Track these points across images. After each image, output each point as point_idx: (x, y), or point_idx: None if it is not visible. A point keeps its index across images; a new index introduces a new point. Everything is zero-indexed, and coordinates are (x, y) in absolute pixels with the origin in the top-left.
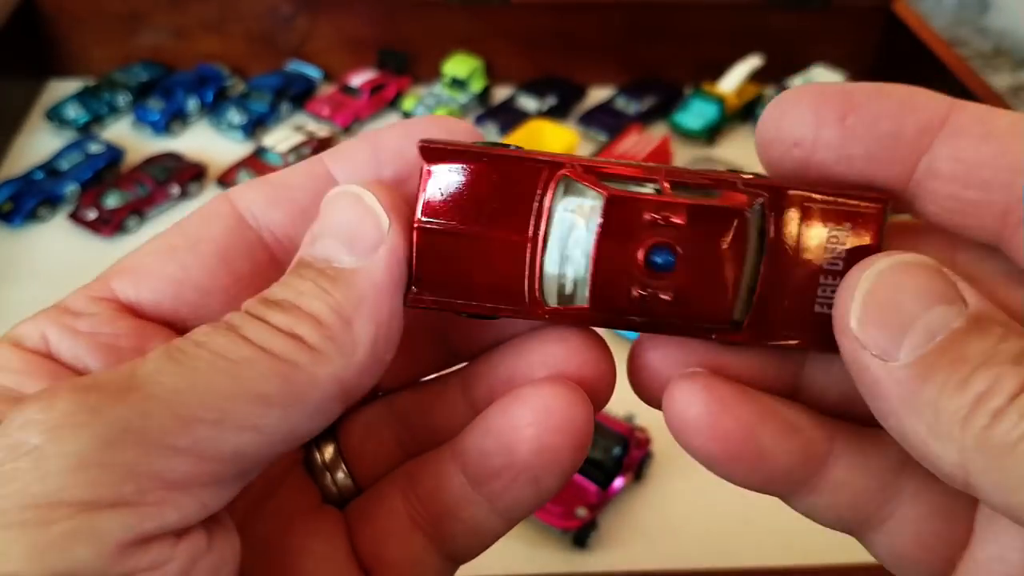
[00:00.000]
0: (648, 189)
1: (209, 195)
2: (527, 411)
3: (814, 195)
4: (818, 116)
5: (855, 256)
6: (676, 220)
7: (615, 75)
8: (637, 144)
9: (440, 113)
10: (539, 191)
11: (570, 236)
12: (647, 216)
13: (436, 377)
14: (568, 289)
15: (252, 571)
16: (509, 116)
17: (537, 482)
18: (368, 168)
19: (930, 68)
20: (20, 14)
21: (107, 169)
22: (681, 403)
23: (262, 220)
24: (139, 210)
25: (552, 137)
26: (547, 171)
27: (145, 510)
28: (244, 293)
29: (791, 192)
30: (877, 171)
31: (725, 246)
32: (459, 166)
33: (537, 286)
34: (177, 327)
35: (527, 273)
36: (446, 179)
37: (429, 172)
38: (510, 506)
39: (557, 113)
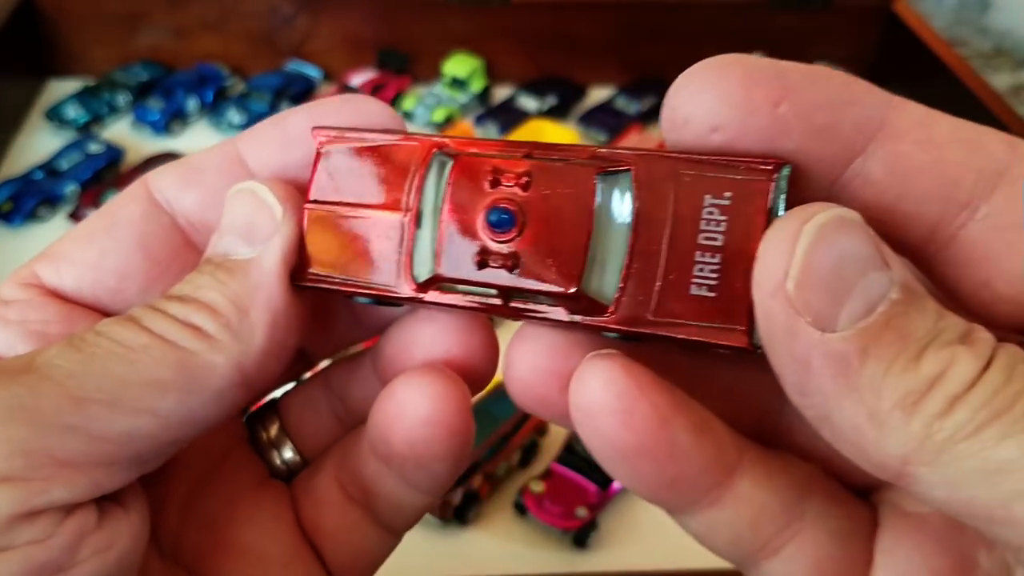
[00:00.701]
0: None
1: None
2: (395, 405)
3: (689, 161)
4: (749, 99)
5: (737, 230)
6: (518, 181)
7: (615, 75)
8: (637, 144)
9: (439, 113)
10: (414, 169)
11: (439, 211)
12: (490, 178)
13: (359, 352)
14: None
15: (199, 545)
16: (509, 116)
17: (425, 468)
18: (277, 150)
19: (930, 68)
20: (20, 14)
21: (107, 169)
22: (594, 384)
23: (175, 204)
24: None
25: (552, 137)
26: (424, 150)
27: (33, 485)
28: (162, 276)
29: (663, 158)
30: (804, 168)
31: (569, 208)
32: (348, 149)
33: (407, 262)
34: (100, 312)
35: (400, 249)
36: (336, 162)
37: (320, 155)
38: (417, 485)
39: (557, 113)
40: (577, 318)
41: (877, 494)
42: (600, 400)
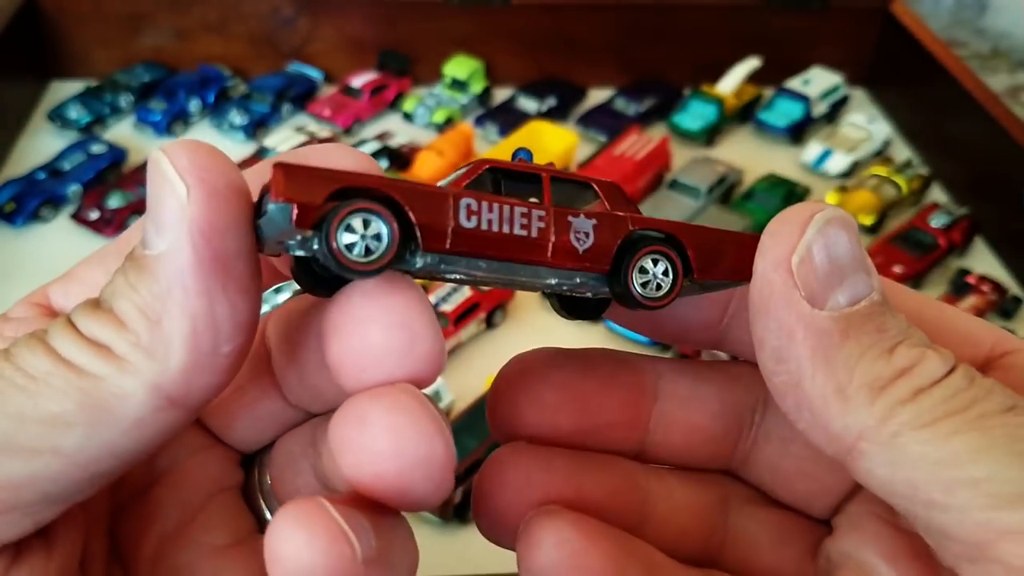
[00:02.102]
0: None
1: None
2: (271, 546)
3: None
4: None
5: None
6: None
7: (615, 76)
8: (636, 145)
9: (439, 114)
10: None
11: None
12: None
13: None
14: None
15: None
16: (509, 117)
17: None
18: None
19: (928, 69)
20: (22, 15)
21: (109, 169)
22: (546, 542)
23: None
24: (141, 210)
25: (552, 138)
26: None
27: None
28: None
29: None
30: None
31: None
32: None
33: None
34: None
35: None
36: None
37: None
38: None
39: (557, 114)
40: (621, 212)
41: None
42: (553, 559)
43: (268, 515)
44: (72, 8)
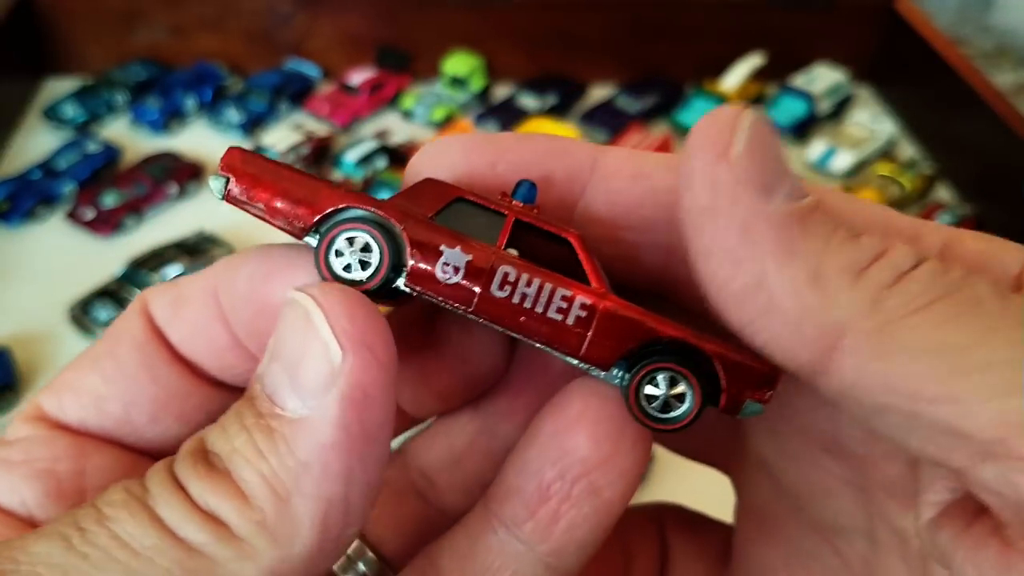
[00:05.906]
0: None
1: (207, 194)
2: (576, 407)
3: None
4: (469, 164)
5: None
6: None
7: (616, 73)
8: (639, 144)
9: (438, 112)
10: None
11: None
12: None
13: (449, 419)
14: None
15: None
16: (509, 115)
17: (597, 492)
18: (252, 294)
19: (933, 67)
20: (17, 12)
21: (105, 168)
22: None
23: (167, 331)
24: (137, 209)
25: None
26: None
27: None
28: (171, 402)
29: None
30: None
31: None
32: None
33: None
34: (114, 441)
35: None
36: None
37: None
38: (561, 539)
39: (558, 111)
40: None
41: None
42: None
43: None
44: (67, 5)
